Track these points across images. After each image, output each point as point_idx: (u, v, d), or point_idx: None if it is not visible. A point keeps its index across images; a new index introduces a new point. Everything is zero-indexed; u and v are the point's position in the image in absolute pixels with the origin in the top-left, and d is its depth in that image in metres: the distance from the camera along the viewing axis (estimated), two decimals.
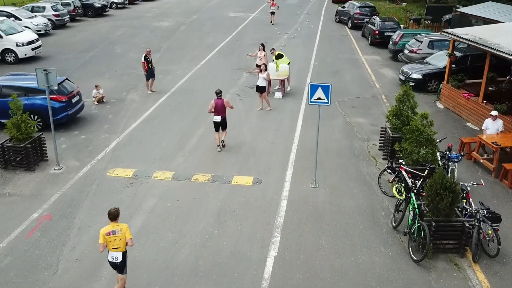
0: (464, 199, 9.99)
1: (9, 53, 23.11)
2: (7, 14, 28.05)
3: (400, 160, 11.26)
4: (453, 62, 18.06)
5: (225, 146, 14.13)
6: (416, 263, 9.21)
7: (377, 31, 28.17)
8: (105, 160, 13.37)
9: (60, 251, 9.46)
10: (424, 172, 10.81)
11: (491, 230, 9.21)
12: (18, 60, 23.14)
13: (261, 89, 17.18)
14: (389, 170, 11.27)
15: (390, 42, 25.81)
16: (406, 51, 23.18)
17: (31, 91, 14.87)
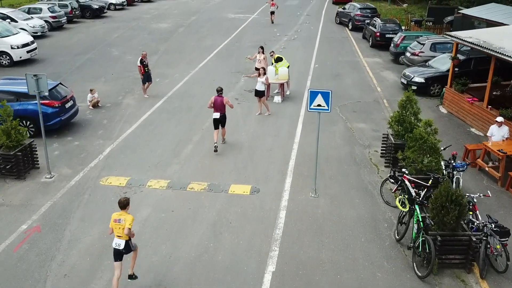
0: (471, 211, 9.56)
1: (4, 56, 22.69)
2: (3, 16, 27.65)
3: (403, 169, 10.86)
4: (456, 66, 17.65)
5: (225, 143, 14.33)
6: (421, 279, 8.79)
7: (378, 33, 27.76)
8: (98, 168, 12.96)
9: (49, 266, 9.05)
10: (428, 182, 10.42)
11: (500, 245, 8.80)
12: (13, 63, 22.70)
13: (260, 94, 16.77)
14: (392, 180, 10.90)
15: (392, 45, 25.37)
16: (408, 54, 22.75)
17: (24, 96, 14.46)
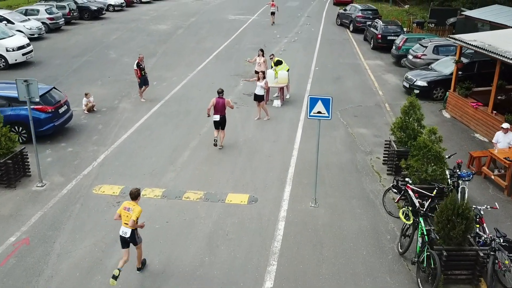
0: (478, 224, 9.16)
1: None
2: None
3: (407, 179, 10.47)
4: (460, 69, 17.24)
5: (222, 147, 14.16)
6: None
7: (380, 35, 27.38)
8: (92, 176, 12.57)
9: (36, 282, 8.65)
10: (433, 192, 10.02)
11: (508, 260, 8.38)
12: (8, 66, 22.29)
13: (259, 98, 16.37)
14: (395, 190, 10.51)
15: (393, 47, 24.94)
16: (410, 57, 22.32)
17: (16, 101, 14.04)
